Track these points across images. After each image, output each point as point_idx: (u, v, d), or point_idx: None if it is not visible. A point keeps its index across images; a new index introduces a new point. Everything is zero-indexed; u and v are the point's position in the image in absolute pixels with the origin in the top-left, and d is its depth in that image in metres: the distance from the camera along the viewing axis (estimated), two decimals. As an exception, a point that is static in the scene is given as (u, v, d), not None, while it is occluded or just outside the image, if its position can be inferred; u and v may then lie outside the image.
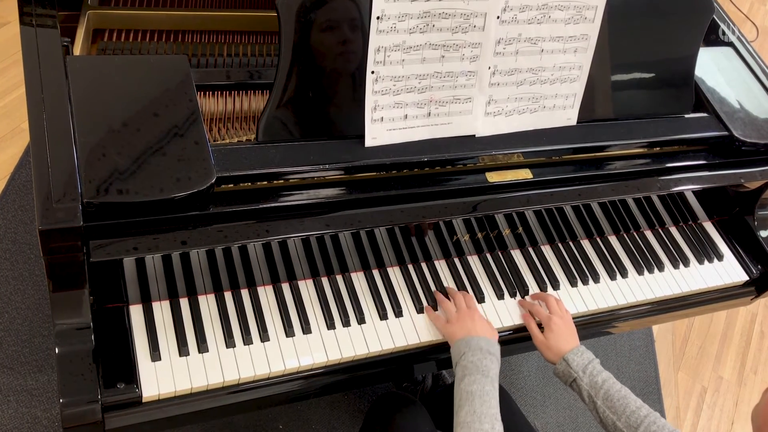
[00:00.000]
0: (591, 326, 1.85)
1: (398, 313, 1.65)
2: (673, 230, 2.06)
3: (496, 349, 1.55)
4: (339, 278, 1.67)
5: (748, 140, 1.82)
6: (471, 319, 1.60)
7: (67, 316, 1.32)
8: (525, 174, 1.64)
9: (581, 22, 1.59)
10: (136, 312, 1.49)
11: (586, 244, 1.94)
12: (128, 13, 1.76)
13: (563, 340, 1.64)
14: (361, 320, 1.62)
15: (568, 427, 2.68)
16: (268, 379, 1.51)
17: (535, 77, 1.61)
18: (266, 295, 1.60)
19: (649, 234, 2.03)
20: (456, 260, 1.79)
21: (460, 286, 1.74)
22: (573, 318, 1.78)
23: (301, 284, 1.64)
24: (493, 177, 1.61)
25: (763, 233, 2.06)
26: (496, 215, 1.74)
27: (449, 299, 1.69)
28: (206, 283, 1.55)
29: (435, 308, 1.69)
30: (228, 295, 1.57)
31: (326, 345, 1.57)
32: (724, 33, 2.08)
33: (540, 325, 1.70)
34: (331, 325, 1.59)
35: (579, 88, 1.67)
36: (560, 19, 1.56)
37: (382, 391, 2.51)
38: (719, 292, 2.01)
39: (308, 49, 1.43)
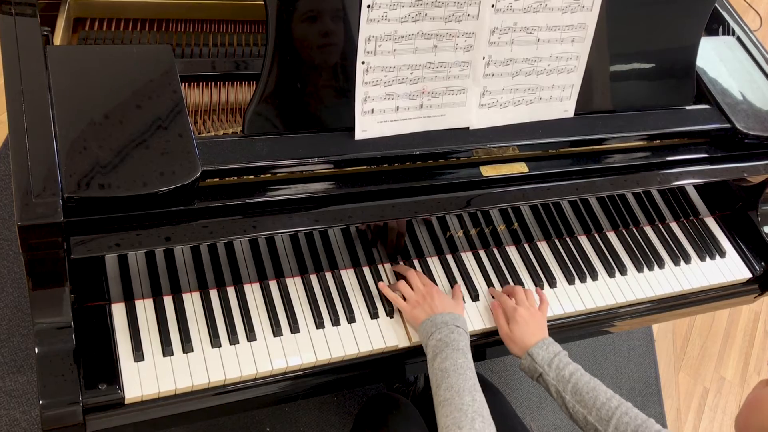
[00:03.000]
0: (589, 325, 1.86)
1: (390, 311, 1.66)
2: (674, 226, 2.07)
3: (462, 321, 1.57)
4: (328, 275, 1.68)
5: (751, 133, 1.83)
6: (430, 296, 1.61)
7: (47, 314, 1.32)
8: (521, 168, 1.65)
9: (579, 11, 1.59)
10: (118, 311, 1.49)
11: (583, 241, 1.95)
12: (110, 2, 1.75)
13: (529, 333, 1.62)
14: (351, 319, 1.63)
15: (565, 429, 2.70)
16: (255, 379, 1.52)
17: (531, 68, 1.62)
18: (253, 293, 1.61)
19: (648, 230, 2.04)
20: (449, 257, 1.80)
21: (453, 284, 1.75)
22: (570, 317, 1.80)
23: (289, 282, 1.65)
24: (488, 171, 1.62)
25: (767, 229, 2.07)
26: (490, 210, 1.75)
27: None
28: (191, 281, 1.56)
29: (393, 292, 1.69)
30: (213, 294, 1.58)
31: (315, 345, 1.57)
32: (729, 28, 2.08)
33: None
34: (320, 324, 1.60)
35: (576, 79, 1.68)
36: (557, 8, 1.57)
37: (372, 392, 2.52)
38: (721, 290, 2.02)
39: (296, 39, 1.44)
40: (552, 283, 1.83)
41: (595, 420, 1.49)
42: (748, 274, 2.04)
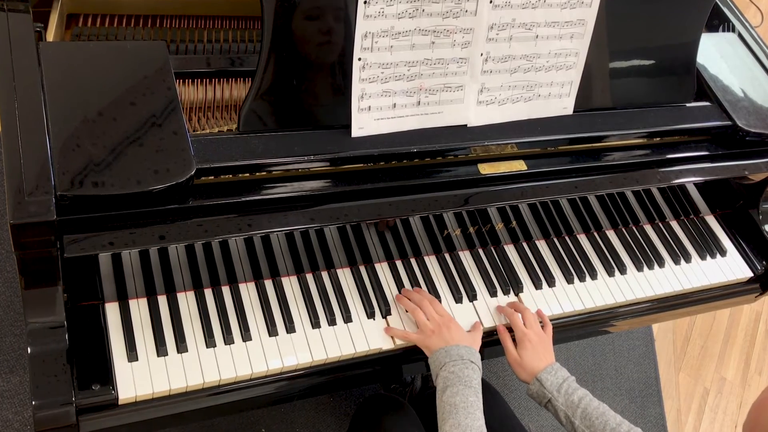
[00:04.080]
0: (589, 325, 1.86)
1: (386, 311, 1.66)
2: (674, 224, 2.08)
3: (477, 357, 1.56)
4: (324, 275, 1.68)
5: (753, 130, 1.84)
6: (447, 328, 1.60)
7: (39, 314, 1.32)
8: (519, 165, 1.65)
9: (578, 7, 1.59)
10: (112, 310, 1.49)
11: (583, 239, 1.95)
12: (104, -3, 1.76)
13: (537, 358, 1.62)
14: (347, 319, 1.63)
15: (564, 430, 2.69)
16: (251, 380, 1.52)
17: (530, 64, 1.62)
18: (248, 292, 1.61)
19: (648, 228, 2.04)
20: (447, 256, 1.80)
21: (451, 283, 1.75)
22: (570, 317, 1.80)
23: (285, 281, 1.65)
24: (486, 169, 1.62)
25: (768, 227, 2.08)
26: (488, 209, 1.75)
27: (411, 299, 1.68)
28: (185, 280, 1.56)
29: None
30: (208, 293, 1.58)
31: (311, 345, 1.57)
32: (730, 24, 2.08)
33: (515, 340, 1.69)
34: (316, 323, 1.60)
35: (575, 76, 1.68)
36: (556, 4, 1.57)
37: (369, 392, 2.52)
38: (722, 289, 2.03)
39: (292, 35, 1.44)
40: (551, 283, 1.83)
41: None
42: (749, 273, 2.04)
